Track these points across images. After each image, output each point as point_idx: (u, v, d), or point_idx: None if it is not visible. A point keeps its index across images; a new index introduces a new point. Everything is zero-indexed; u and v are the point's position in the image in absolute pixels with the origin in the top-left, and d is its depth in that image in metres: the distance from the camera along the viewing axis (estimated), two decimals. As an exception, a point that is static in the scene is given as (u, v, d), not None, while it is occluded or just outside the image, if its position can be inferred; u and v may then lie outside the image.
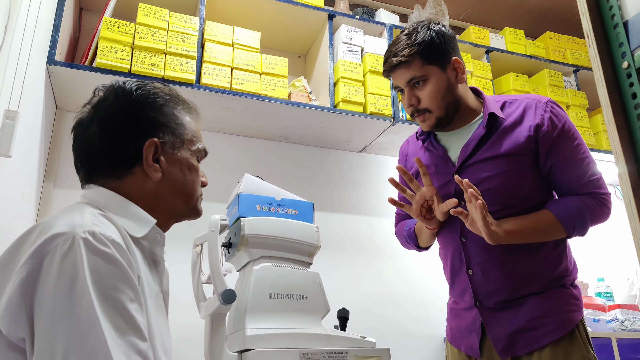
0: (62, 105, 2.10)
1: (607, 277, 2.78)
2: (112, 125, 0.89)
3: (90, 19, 2.32)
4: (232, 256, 1.41)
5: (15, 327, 0.68)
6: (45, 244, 0.71)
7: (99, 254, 0.71)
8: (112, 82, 0.95)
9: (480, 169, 1.31)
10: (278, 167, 2.44)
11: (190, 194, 0.97)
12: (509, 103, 1.38)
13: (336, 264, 2.36)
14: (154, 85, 0.96)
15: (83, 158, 0.91)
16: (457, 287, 1.38)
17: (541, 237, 1.27)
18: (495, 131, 1.33)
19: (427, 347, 2.37)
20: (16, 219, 1.58)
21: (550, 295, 1.28)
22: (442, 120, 1.34)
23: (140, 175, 0.89)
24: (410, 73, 1.32)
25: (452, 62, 1.34)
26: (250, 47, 2.21)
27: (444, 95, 1.32)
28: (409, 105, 1.35)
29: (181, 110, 0.97)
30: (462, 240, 1.34)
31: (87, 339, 0.66)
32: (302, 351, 1.23)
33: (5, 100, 1.27)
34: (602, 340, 2.22)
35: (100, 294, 0.69)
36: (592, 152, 2.62)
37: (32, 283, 0.69)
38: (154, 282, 0.89)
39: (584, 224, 1.27)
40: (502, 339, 1.26)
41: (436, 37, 1.32)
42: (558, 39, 2.96)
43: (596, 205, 1.28)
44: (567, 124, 1.31)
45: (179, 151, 0.94)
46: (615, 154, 0.72)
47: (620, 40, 0.75)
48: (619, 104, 0.73)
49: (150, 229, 0.88)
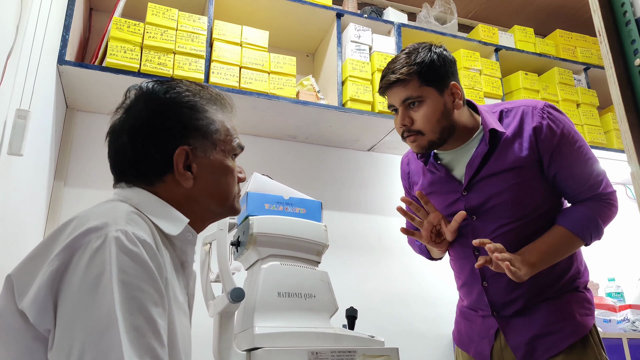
0: (73, 104, 2.12)
1: (618, 277, 2.75)
2: (141, 134, 0.88)
3: (100, 19, 2.33)
4: (240, 255, 1.41)
5: (41, 317, 0.69)
6: (79, 239, 0.71)
7: (128, 254, 0.71)
8: (142, 84, 0.92)
9: (488, 185, 1.30)
10: (286, 166, 2.45)
11: (226, 197, 0.94)
12: (506, 112, 1.35)
13: (344, 263, 2.36)
14: (183, 85, 0.93)
15: (116, 165, 0.91)
16: (471, 296, 1.38)
17: (563, 255, 1.28)
18: (497, 145, 1.31)
19: (435, 346, 2.37)
20: (27, 218, 1.60)
21: (565, 300, 1.28)
22: (434, 143, 1.30)
23: (171, 182, 0.88)
24: (406, 92, 1.27)
25: (450, 87, 1.29)
26: (259, 46, 2.21)
27: (439, 119, 1.27)
28: (402, 125, 1.30)
29: (213, 109, 0.94)
30: (476, 254, 1.33)
31: (103, 337, 0.66)
32: (311, 350, 1.23)
33: (16, 99, 1.28)
34: (613, 341, 2.20)
35: (125, 294, 0.69)
36: (602, 150, 2.61)
37: (60, 276, 0.69)
38: (180, 284, 0.88)
39: (598, 230, 1.28)
40: (522, 346, 1.26)
41: (437, 60, 1.28)
42: (568, 37, 2.93)
43: (604, 208, 1.29)
44: (567, 127, 1.29)
45: (212, 154, 0.91)
46: (628, 152, 0.71)
47: (632, 37, 0.74)
48: (631, 102, 0.72)
49: (184, 228, 0.88)
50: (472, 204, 1.32)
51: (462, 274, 1.39)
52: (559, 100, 2.67)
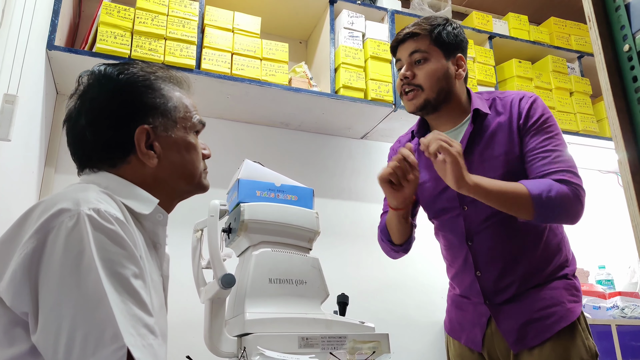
0: (63, 90, 2.09)
1: (608, 265, 2.78)
2: (100, 117, 0.87)
3: (90, 4, 2.30)
4: (232, 241, 1.41)
5: (18, 300, 0.69)
6: (51, 220, 0.71)
7: (104, 231, 0.72)
8: (94, 68, 0.92)
9: (482, 170, 1.30)
10: (278, 153, 2.44)
11: (192, 173, 0.95)
12: (500, 99, 1.38)
13: (336, 250, 2.36)
14: (137, 65, 0.93)
15: (77, 151, 0.90)
16: (463, 284, 1.39)
17: (505, 204, 1.20)
18: (487, 129, 1.33)
19: (426, 333, 2.39)
20: (16, 204, 1.59)
21: (554, 287, 1.29)
22: (430, 103, 1.34)
23: (136, 163, 0.88)
24: (415, 45, 1.34)
25: (457, 57, 1.37)
26: (251, 32, 2.19)
27: (440, 79, 1.33)
28: (403, 78, 1.35)
29: (169, 86, 0.94)
30: (469, 244, 1.34)
31: (95, 312, 0.66)
32: (301, 335, 1.24)
33: (4, 84, 1.26)
34: (602, 327, 2.22)
35: (107, 270, 0.69)
36: (595, 139, 2.63)
37: (37, 258, 0.69)
38: (153, 265, 0.89)
39: (552, 206, 1.18)
40: (513, 332, 1.28)
41: (451, 30, 1.36)
42: (562, 25, 2.93)
43: (569, 194, 1.19)
44: (545, 115, 1.30)
45: (173, 132, 0.92)
46: (615, 139, 0.71)
47: (621, 23, 0.74)
48: (620, 88, 0.72)
49: (154, 209, 0.88)
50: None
51: (455, 263, 1.40)
52: (552, 89, 2.67)
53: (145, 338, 0.70)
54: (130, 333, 0.68)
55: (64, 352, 0.65)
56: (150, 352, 0.70)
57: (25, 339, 0.70)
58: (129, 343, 0.66)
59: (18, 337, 0.70)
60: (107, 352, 0.65)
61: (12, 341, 0.70)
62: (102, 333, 0.66)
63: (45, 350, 0.67)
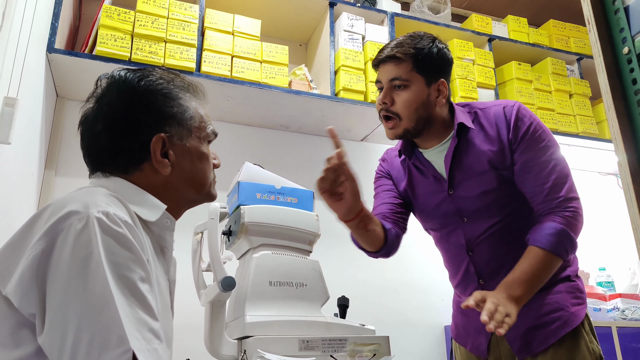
0: (63, 93, 2.10)
1: (609, 267, 2.78)
2: (117, 123, 0.88)
3: (90, 7, 2.30)
4: (232, 244, 1.41)
5: (26, 302, 0.69)
6: (60, 222, 0.71)
7: (112, 234, 0.72)
8: (114, 73, 0.92)
9: (471, 185, 1.30)
10: (278, 156, 2.44)
11: (202, 183, 0.96)
12: (481, 111, 1.36)
13: (336, 252, 2.36)
14: (156, 73, 0.93)
15: (90, 155, 0.90)
16: (467, 292, 1.37)
17: (546, 279, 1.21)
18: (473, 143, 1.31)
19: (426, 335, 2.38)
20: (17, 207, 1.59)
21: (557, 290, 1.29)
22: (409, 132, 1.31)
23: (149, 170, 0.89)
24: (396, 72, 1.29)
25: (438, 83, 1.31)
26: (251, 35, 2.19)
27: (418, 108, 1.29)
28: (382, 103, 1.32)
29: (187, 96, 0.95)
30: (470, 254, 1.33)
31: (101, 315, 0.66)
32: (302, 338, 1.24)
33: (4, 87, 1.26)
34: (603, 329, 2.22)
35: (114, 273, 0.70)
36: (594, 141, 2.63)
37: (45, 260, 0.69)
38: (160, 269, 0.89)
39: (572, 243, 1.22)
40: (517, 339, 1.27)
41: (435, 53, 1.30)
42: (561, 27, 2.93)
43: (571, 219, 1.22)
44: (534, 125, 1.28)
45: (187, 141, 0.92)
46: (615, 141, 0.72)
47: (621, 25, 0.74)
48: (619, 90, 0.72)
49: (161, 215, 0.88)
50: (460, 205, 1.33)
51: (458, 273, 1.40)
52: (551, 91, 2.68)
53: (150, 342, 0.70)
54: (136, 337, 0.68)
55: (70, 354, 0.65)
56: (155, 356, 0.70)
57: (31, 341, 0.70)
58: (135, 347, 0.66)
59: (24, 339, 0.70)
60: (113, 355, 0.65)
61: (19, 343, 0.70)
62: (108, 336, 0.66)
63: (50, 352, 0.67)
